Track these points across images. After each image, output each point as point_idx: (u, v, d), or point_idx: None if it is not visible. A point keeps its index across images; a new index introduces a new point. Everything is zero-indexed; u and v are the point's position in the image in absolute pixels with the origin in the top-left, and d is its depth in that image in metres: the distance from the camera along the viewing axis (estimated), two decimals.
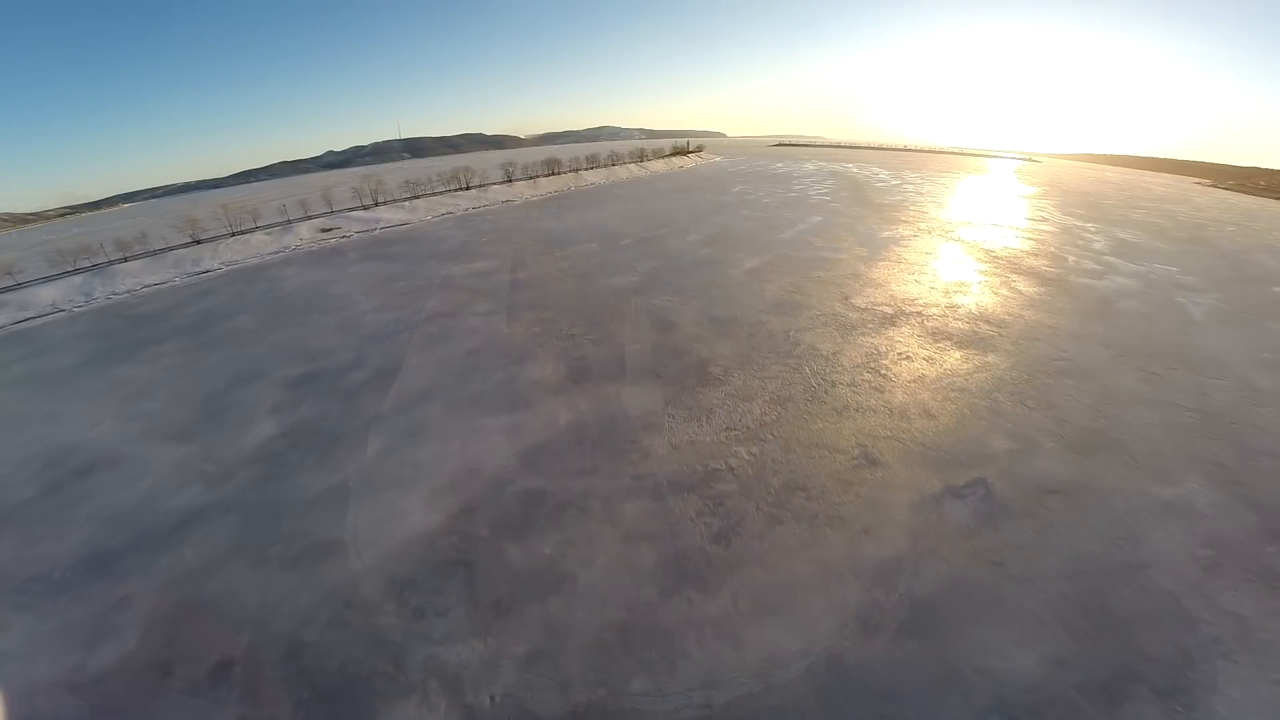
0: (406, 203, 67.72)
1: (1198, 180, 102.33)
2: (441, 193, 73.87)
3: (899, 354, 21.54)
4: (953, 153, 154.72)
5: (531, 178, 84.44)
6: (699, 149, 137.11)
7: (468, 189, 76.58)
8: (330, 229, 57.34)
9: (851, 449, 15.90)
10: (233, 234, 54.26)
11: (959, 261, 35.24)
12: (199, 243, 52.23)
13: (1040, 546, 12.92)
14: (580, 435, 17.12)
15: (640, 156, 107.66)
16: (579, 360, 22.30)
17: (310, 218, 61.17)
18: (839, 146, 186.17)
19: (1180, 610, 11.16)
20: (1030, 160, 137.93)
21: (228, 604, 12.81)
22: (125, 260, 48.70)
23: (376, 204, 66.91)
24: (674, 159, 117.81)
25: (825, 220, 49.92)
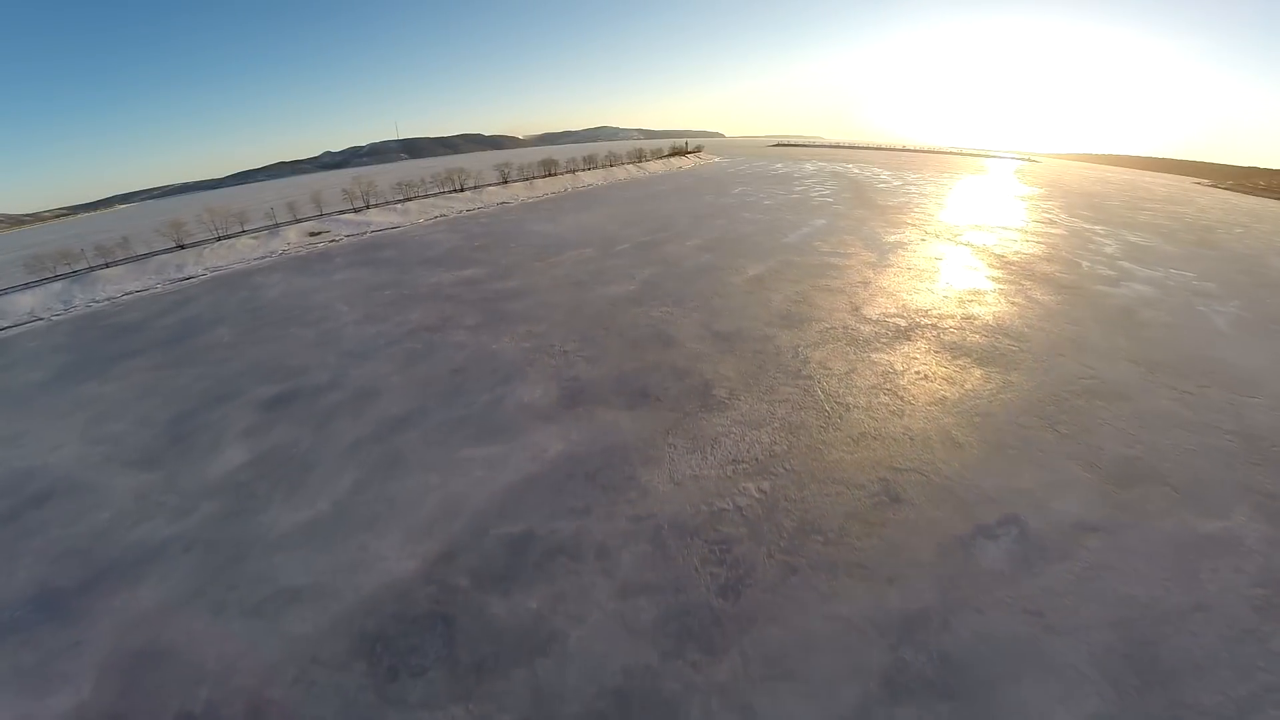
0: (399, 205, 66.23)
1: (1197, 180, 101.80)
2: (435, 194, 72.39)
3: (917, 373, 20.05)
4: (951, 153, 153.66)
5: (527, 179, 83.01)
6: (698, 149, 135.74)
7: (462, 191, 75.11)
8: (319, 233, 55.85)
9: (872, 484, 14.50)
10: (218, 238, 52.74)
11: (970, 267, 33.93)
12: (183, 247, 50.71)
13: (1081, 592, 11.70)
14: (572, 469, 15.60)
15: (638, 157, 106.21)
16: (571, 381, 20.67)
17: (299, 221, 59.66)
18: (838, 146, 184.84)
19: (1233, 657, 10.10)
20: (1029, 160, 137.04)
21: (186, 653, 11.62)
22: (107, 266, 47.20)
23: (368, 206, 65.40)
24: (673, 160, 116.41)
25: (829, 223, 48.58)
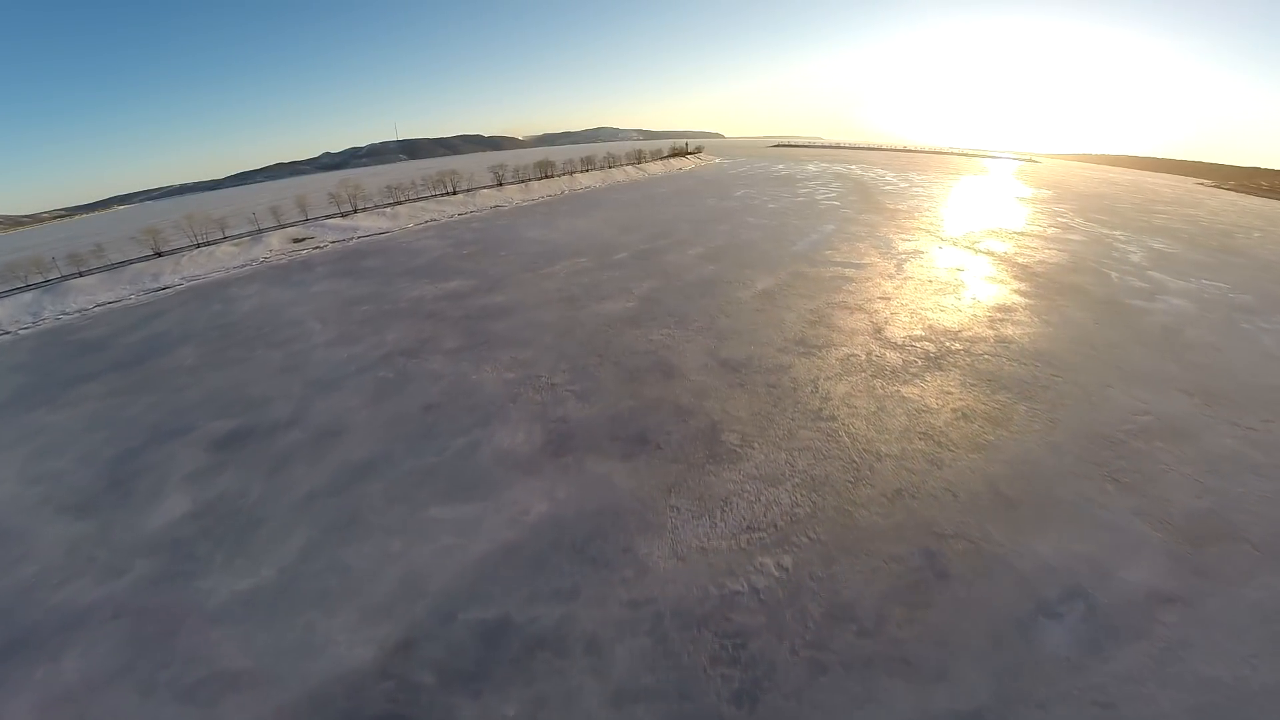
0: (388, 209, 63.96)
1: (1199, 180, 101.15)
2: (427, 198, 70.10)
3: (954, 411, 17.72)
4: (952, 153, 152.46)
5: (523, 181, 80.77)
6: (698, 150, 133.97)
7: (454, 194, 72.81)
8: (303, 239, 53.51)
9: (912, 555, 12.26)
10: (197, 245, 50.43)
11: (994, 279, 31.68)
12: (160, 255, 48.45)
13: (1157, 677, 9.91)
14: (557, 536, 13.31)
15: (638, 158, 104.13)
16: (559, 422, 18.24)
17: (284, 226, 57.32)
18: (839, 147, 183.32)
19: None
20: (1030, 161, 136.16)
21: None
22: (80, 275, 44.98)
23: (355, 210, 63.09)
24: (672, 161, 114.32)
25: (838, 229, 46.35)
